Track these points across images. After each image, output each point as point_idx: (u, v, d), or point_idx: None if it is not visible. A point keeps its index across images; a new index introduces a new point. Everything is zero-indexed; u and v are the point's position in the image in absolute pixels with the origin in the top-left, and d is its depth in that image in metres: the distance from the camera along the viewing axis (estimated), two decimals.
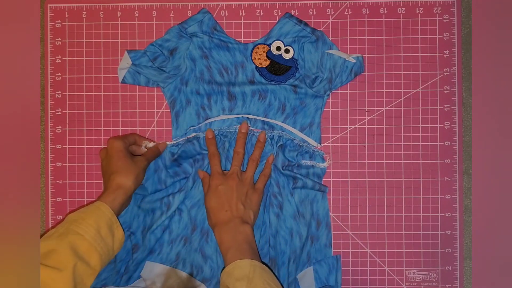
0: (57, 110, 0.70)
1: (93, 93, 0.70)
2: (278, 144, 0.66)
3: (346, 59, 0.66)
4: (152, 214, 0.66)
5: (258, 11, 0.70)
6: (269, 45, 0.68)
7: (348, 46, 0.69)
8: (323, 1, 0.70)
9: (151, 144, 0.66)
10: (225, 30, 0.69)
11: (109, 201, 0.57)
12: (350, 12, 0.70)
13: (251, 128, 0.68)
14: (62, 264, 0.50)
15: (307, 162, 0.67)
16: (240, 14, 0.70)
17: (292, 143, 0.67)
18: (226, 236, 0.59)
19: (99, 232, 0.54)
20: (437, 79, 0.69)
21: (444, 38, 0.69)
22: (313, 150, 0.67)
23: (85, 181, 0.70)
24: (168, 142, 0.68)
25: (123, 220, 0.65)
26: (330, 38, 0.68)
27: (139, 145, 0.66)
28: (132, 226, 0.65)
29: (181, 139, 0.67)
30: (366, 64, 0.69)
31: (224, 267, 0.57)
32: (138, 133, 0.70)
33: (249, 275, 0.53)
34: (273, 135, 0.67)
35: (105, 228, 0.55)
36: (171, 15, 0.70)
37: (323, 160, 0.68)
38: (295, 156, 0.67)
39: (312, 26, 0.68)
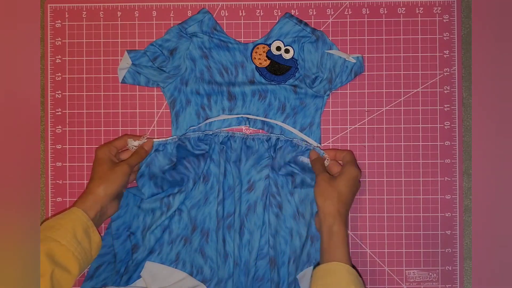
0: (57, 110, 0.70)
1: (93, 93, 0.70)
2: (277, 147, 0.66)
3: (346, 59, 0.66)
4: (152, 214, 0.66)
5: (258, 11, 0.70)
6: (269, 45, 0.68)
7: (348, 46, 0.69)
8: (323, 1, 0.70)
9: (136, 142, 0.66)
10: (225, 30, 0.69)
11: (82, 207, 0.58)
12: (350, 12, 0.70)
13: (250, 128, 0.68)
14: (41, 271, 0.51)
15: (304, 159, 0.67)
16: (240, 14, 0.70)
17: (290, 144, 0.67)
18: (343, 229, 0.58)
19: (75, 236, 0.55)
20: (437, 79, 0.69)
21: (444, 38, 0.69)
22: (313, 147, 0.67)
23: (85, 181, 0.70)
24: (155, 140, 0.66)
25: (123, 220, 0.65)
26: (330, 38, 0.68)
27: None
28: (132, 226, 0.65)
29: (170, 138, 0.67)
30: (366, 64, 0.69)
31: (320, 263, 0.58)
32: (138, 133, 0.70)
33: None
34: (270, 138, 0.67)
35: (81, 232, 0.56)
36: (171, 15, 0.70)
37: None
38: (293, 157, 0.67)
39: (312, 26, 0.68)
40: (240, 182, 0.66)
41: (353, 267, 0.56)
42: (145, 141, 0.66)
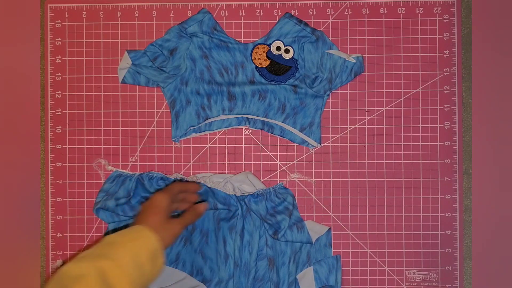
0: (57, 110, 0.70)
1: (93, 93, 0.70)
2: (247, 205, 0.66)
3: (346, 59, 0.66)
4: None
5: (258, 11, 0.70)
6: (269, 45, 0.68)
7: (348, 46, 0.69)
8: (323, 1, 0.70)
9: (109, 167, 0.67)
10: (225, 30, 0.69)
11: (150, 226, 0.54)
12: (350, 12, 0.70)
13: (250, 128, 0.68)
14: None
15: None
16: (240, 14, 0.70)
17: (258, 197, 0.66)
18: None
19: (136, 259, 0.50)
20: (437, 79, 0.69)
21: (444, 38, 0.69)
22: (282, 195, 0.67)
23: (85, 181, 0.70)
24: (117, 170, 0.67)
25: (119, 223, 0.65)
26: (330, 38, 0.68)
27: (187, 191, 0.64)
28: None
29: (131, 173, 0.67)
30: (366, 64, 0.69)
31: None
32: (138, 133, 0.69)
33: None
34: (244, 197, 0.66)
35: (144, 255, 0.51)
36: (171, 15, 0.70)
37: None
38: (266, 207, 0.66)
39: (312, 26, 0.68)
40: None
41: None
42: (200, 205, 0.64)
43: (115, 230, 0.65)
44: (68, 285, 0.46)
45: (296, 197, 0.68)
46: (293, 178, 0.68)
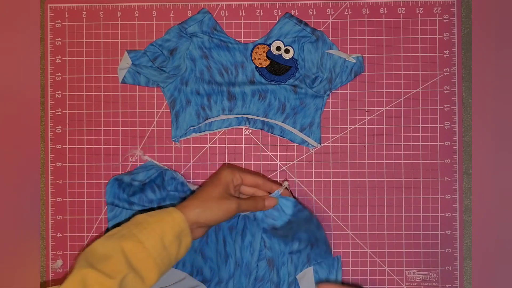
0: (57, 110, 0.70)
1: (93, 93, 0.70)
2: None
3: (346, 59, 0.66)
4: None
5: (258, 11, 0.70)
6: (269, 45, 0.68)
7: (348, 46, 0.69)
8: (323, 1, 0.70)
9: (145, 157, 0.67)
10: (225, 30, 0.69)
11: (186, 211, 0.53)
12: (350, 12, 0.70)
13: (250, 128, 0.68)
14: (114, 272, 0.46)
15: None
16: (240, 14, 0.70)
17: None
18: None
19: (163, 240, 0.50)
20: (437, 79, 0.69)
21: (444, 38, 0.69)
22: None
23: (85, 181, 0.70)
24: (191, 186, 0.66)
25: (120, 220, 0.65)
26: (330, 38, 0.68)
27: (265, 190, 0.62)
28: None
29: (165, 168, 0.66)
30: (366, 64, 0.69)
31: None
32: (138, 133, 0.69)
33: None
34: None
35: (170, 236, 0.50)
36: (171, 15, 0.70)
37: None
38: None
39: (312, 26, 0.68)
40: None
41: None
42: (282, 189, 0.62)
43: (115, 226, 0.65)
44: (95, 264, 0.47)
45: (296, 197, 0.68)
46: (285, 187, 0.64)
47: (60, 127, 0.70)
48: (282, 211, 0.64)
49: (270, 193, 0.63)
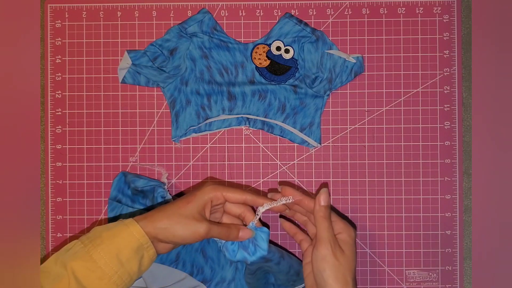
0: (57, 110, 0.70)
1: (93, 93, 0.70)
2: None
3: (346, 59, 0.66)
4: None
5: (258, 11, 0.70)
6: (269, 45, 0.68)
7: (348, 46, 0.69)
8: (323, 1, 0.70)
9: (164, 175, 0.67)
10: (225, 30, 0.69)
11: (145, 223, 0.49)
12: (350, 12, 0.70)
13: (250, 128, 0.68)
14: None
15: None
16: (240, 14, 0.70)
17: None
18: None
19: (119, 257, 0.47)
20: (437, 79, 0.69)
21: (444, 38, 0.69)
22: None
23: (85, 181, 0.70)
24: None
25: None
26: (330, 38, 0.68)
27: (257, 206, 0.55)
28: None
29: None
30: (366, 64, 0.69)
31: None
32: (138, 133, 0.69)
33: None
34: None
35: (127, 252, 0.47)
36: (171, 15, 0.70)
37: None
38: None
39: (312, 26, 0.68)
40: None
41: None
42: (256, 220, 0.55)
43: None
44: (48, 285, 0.46)
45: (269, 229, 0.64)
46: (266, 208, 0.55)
47: (60, 127, 0.70)
48: (256, 246, 0.55)
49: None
